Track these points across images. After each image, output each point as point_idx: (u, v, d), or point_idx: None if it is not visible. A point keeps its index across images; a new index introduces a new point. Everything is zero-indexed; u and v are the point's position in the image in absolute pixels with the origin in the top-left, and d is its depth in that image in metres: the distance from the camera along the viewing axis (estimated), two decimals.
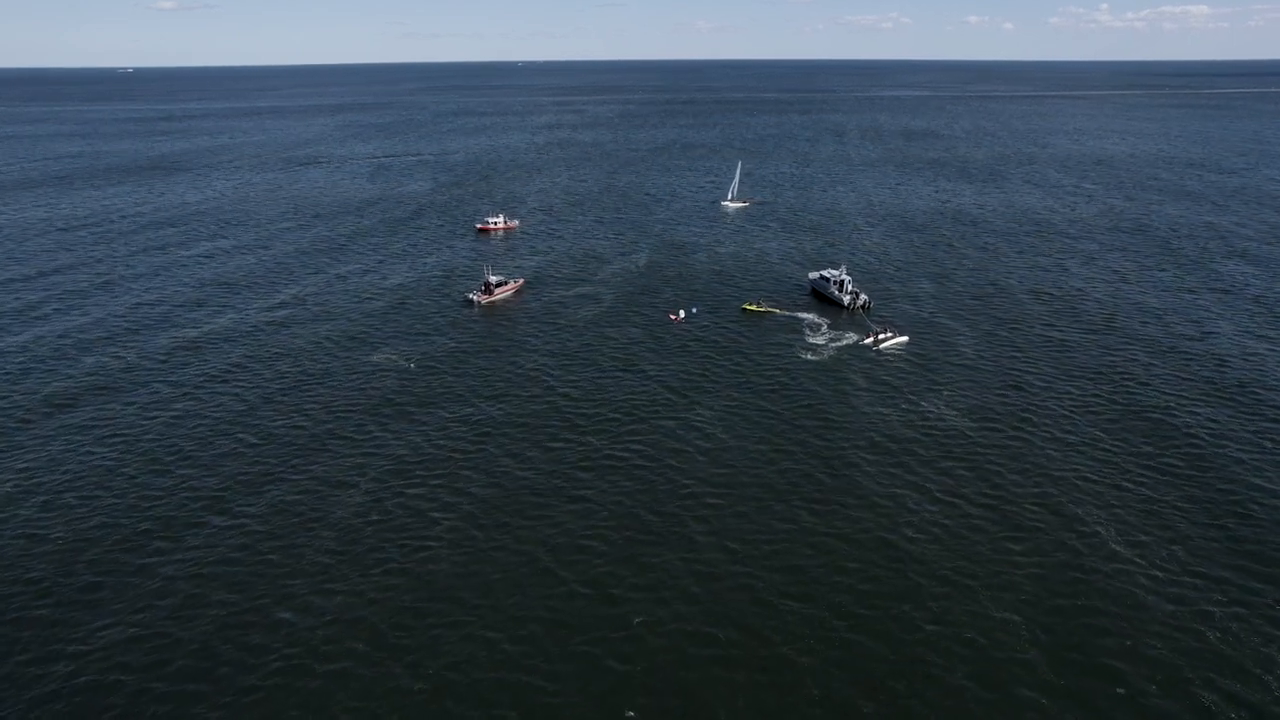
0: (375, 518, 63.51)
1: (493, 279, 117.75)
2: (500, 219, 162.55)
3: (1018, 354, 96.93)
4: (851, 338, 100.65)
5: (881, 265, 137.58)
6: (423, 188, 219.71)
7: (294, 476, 69.60)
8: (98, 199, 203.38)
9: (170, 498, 66.60)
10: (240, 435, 77.31)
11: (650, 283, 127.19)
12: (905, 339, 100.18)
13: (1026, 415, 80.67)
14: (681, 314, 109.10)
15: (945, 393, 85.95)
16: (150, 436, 77.20)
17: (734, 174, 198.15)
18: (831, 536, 60.88)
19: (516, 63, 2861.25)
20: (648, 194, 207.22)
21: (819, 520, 62.96)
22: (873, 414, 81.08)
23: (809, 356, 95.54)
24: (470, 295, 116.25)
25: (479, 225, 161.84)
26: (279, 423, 79.80)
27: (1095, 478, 68.70)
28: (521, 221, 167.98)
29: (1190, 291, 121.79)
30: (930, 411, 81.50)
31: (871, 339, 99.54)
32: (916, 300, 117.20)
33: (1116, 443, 74.98)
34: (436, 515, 63.96)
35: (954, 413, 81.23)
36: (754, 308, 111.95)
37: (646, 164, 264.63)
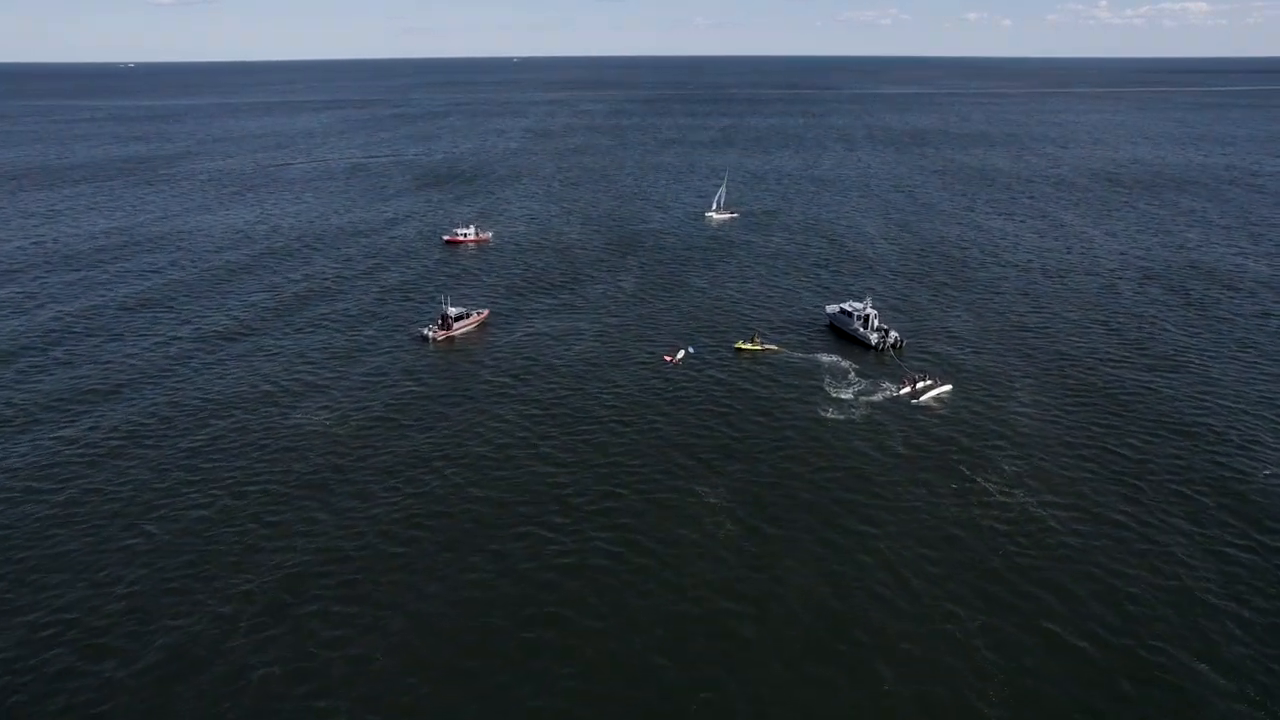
0: (263, 669, 45.31)
1: (451, 311, 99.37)
2: (471, 230, 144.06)
3: (1088, 404, 78.72)
4: (885, 388, 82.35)
5: (909, 291, 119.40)
6: (398, 192, 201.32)
7: (165, 582, 51.39)
8: (45, 203, 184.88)
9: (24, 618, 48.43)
10: (120, 528, 59.11)
11: (640, 312, 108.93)
12: (948, 388, 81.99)
13: (1121, 490, 62.48)
14: (679, 354, 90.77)
15: (1010, 464, 67.82)
16: (14, 526, 59.04)
17: (722, 181, 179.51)
18: (908, 703, 42.76)
19: (514, 58, 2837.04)
20: (642, 199, 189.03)
21: (892, 672, 44.80)
22: (925, 495, 63.01)
23: (833, 413, 77.17)
24: (424, 331, 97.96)
25: (446, 238, 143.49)
26: (164, 509, 61.57)
27: (1242, 587, 50.57)
28: (496, 233, 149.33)
29: (1273, 315, 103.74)
30: (996, 491, 63.44)
31: (908, 388, 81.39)
32: (955, 337, 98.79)
33: (1260, 533, 56.93)
34: (350, 656, 45.79)
35: (1026, 493, 63.13)
36: (749, 346, 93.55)
37: (641, 165, 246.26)
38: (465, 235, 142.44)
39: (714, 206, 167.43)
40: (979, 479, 65.59)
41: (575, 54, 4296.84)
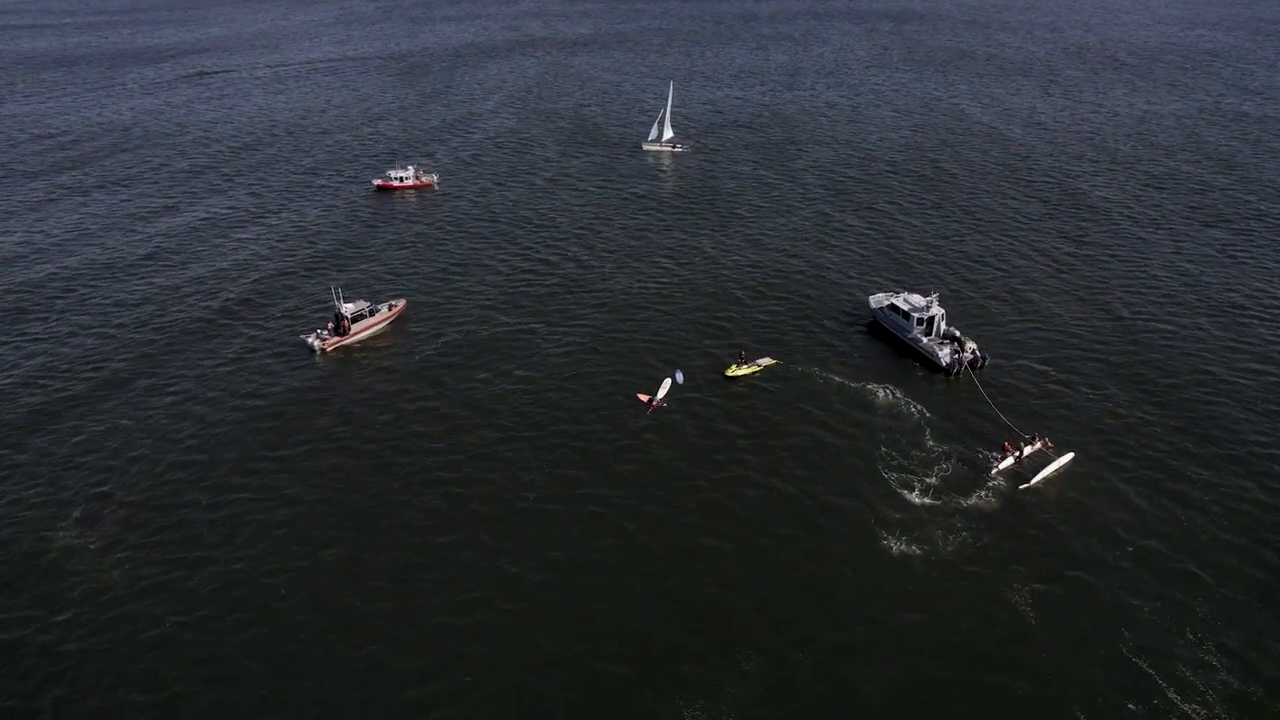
0: None
1: (348, 308, 71.38)
2: (410, 172, 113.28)
3: None
4: (976, 454, 54.58)
5: (966, 266, 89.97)
6: (347, 110, 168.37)
7: None
8: None
9: None
10: None
11: (611, 302, 79.92)
12: (1069, 458, 54.25)
13: None
14: (663, 389, 62.30)
15: (1211, 656, 40.70)
16: None
17: (666, 97, 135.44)
18: None
19: None
20: (643, 113, 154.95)
21: None
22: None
23: (905, 541, 47.93)
24: (310, 339, 70.32)
25: (379, 182, 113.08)
26: None
27: None
28: (440, 175, 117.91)
29: None
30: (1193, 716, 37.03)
31: (1011, 459, 53.80)
32: (1047, 351, 69.37)
33: None
34: None
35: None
36: (744, 371, 65.00)
37: (644, 70, 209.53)
38: (402, 179, 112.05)
39: (653, 134, 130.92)
40: (1182, 700, 38.61)
41: None
